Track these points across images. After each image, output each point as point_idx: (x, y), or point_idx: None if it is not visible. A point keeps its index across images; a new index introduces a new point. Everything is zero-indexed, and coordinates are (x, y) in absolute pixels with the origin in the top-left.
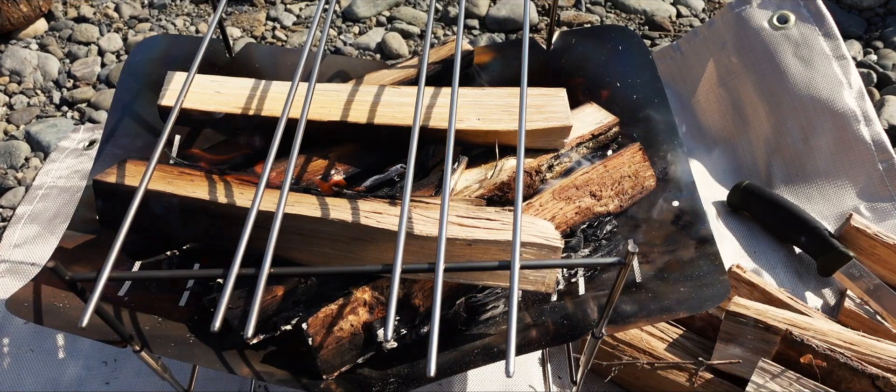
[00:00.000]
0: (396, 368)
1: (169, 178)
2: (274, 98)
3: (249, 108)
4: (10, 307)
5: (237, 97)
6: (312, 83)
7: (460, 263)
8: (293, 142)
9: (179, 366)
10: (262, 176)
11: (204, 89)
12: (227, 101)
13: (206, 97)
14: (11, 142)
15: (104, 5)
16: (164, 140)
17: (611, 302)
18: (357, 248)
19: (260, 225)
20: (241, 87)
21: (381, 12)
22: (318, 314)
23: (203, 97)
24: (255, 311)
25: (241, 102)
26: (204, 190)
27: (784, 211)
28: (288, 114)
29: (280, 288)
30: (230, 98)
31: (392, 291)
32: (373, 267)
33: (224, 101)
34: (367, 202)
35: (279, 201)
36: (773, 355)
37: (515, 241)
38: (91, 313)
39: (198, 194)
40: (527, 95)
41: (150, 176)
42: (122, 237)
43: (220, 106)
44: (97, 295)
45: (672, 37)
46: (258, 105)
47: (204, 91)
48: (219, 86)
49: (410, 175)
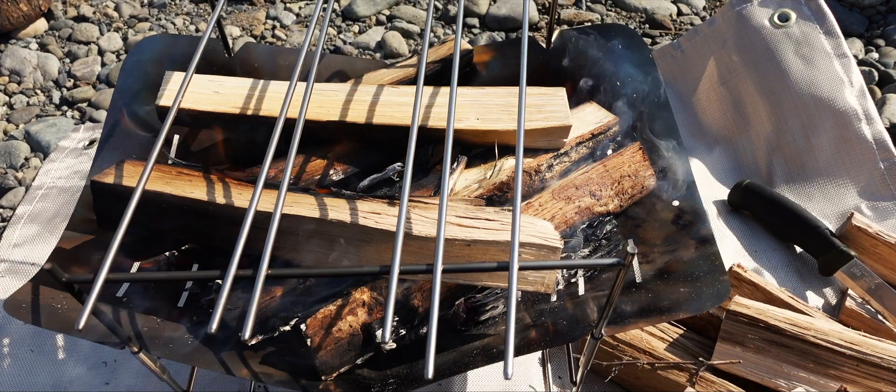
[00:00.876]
0: (395, 369)
1: (167, 179)
2: (272, 98)
3: (248, 107)
4: (8, 309)
5: (236, 97)
6: (310, 83)
7: (458, 264)
8: (291, 142)
9: (178, 365)
10: (260, 176)
11: (202, 89)
12: (226, 101)
13: (205, 97)
14: (11, 142)
15: (104, 5)
16: (161, 140)
17: (610, 303)
18: (355, 248)
19: (258, 225)
20: (240, 86)
21: (381, 11)
22: (316, 315)
23: (201, 97)
24: (253, 312)
25: (240, 102)
26: (202, 190)
27: (785, 210)
28: (285, 113)
29: (278, 289)
30: (229, 98)
31: (390, 293)
32: (371, 268)
33: (223, 101)
34: (366, 202)
35: (277, 202)
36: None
37: (514, 243)
38: (88, 315)
39: (196, 195)
40: (526, 95)
41: (148, 176)
42: (120, 238)
43: (218, 106)
44: (94, 297)
45: (673, 35)
46: (256, 105)
47: (202, 91)
48: (217, 86)
49: (408, 175)
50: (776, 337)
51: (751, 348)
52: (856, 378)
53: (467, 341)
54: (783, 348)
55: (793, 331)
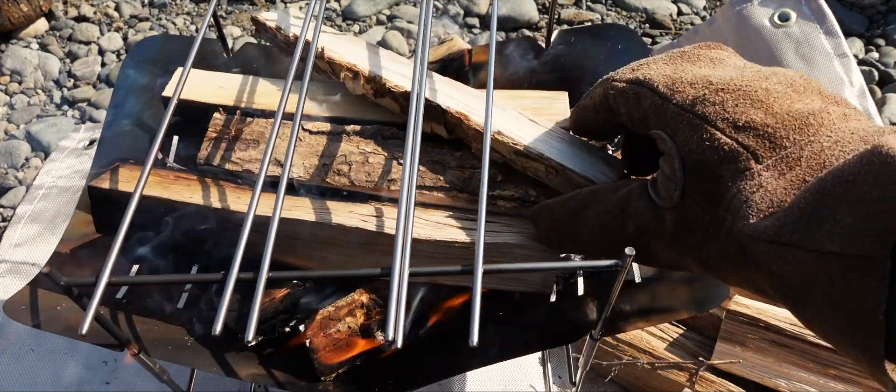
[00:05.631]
0: (395, 369)
1: (165, 184)
2: (272, 94)
3: (251, 101)
4: (8, 311)
5: (238, 91)
6: (305, 81)
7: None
8: (289, 142)
9: (178, 367)
10: (258, 179)
11: (206, 83)
12: (229, 96)
13: (209, 90)
14: (12, 141)
15: (104, 5)
16: (163, 129)
17: (608, 305)
18: (356, 251)
19: (257, 229)
20: (242, 82)
21: (382, 11)
22: (315, 316)
23: (206, 90)
24: (255, 314)
25: (243, 97)
26: (199, 195)
27: None
28: (284, 108)
29: (278, 291)
30: (232, 93)
31: (392, 293)
32: (371, 270)
33: (226, 94)
34: (366, 205)
35: (275, 205)
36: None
37: (479, 246)
38: (90, 320)
39: (194, 199)
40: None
41: (145, 181)
42: (119, 244)
43: (221, 99)
44: (96, 301)
45: (673, 35)
46: (257, 99)
47: (206, 85)
48: (221, 81)
49: (407, 175)
50: (776, 337)
51: (751, 348)
52: (856, 378)
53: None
54: (783, 348)
55: (793, 331)
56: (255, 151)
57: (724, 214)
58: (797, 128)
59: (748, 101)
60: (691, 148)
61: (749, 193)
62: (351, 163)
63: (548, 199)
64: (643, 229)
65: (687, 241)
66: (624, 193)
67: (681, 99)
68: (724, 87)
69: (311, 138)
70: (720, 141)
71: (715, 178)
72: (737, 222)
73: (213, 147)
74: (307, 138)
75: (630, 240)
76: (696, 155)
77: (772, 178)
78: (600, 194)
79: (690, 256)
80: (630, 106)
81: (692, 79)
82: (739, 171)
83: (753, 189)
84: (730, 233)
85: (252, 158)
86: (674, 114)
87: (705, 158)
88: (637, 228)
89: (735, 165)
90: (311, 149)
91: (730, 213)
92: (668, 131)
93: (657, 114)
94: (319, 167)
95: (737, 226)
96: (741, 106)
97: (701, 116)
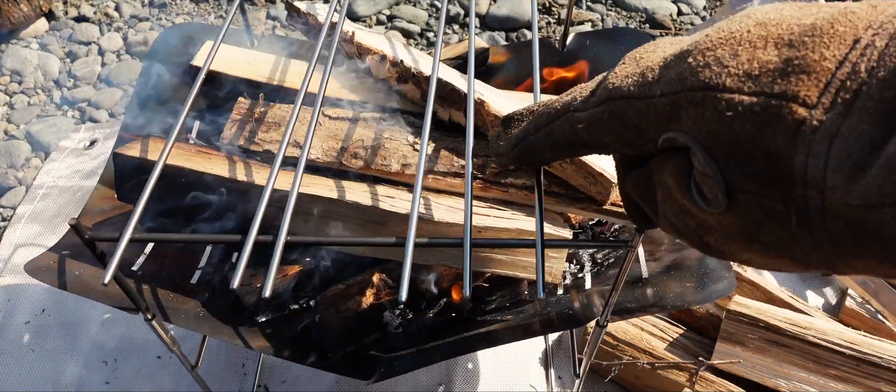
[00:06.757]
0: (401, 350)
1: (187, 156)
2: (299, 75)
3: (274, 78)
4: (30, 272)
5: (265, 67)
6: (329, 65)
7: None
8: (310, 125)
9: (187, 345)
10: (278, 153)
11: (235, 56)
12: (256, 71)
13: (237, 63)
14: (12, 141)
15: (104, 5)
16: (192, 97)
17: (617, 287)
18: (370, 230)
19: (274, 204)
20: (269, 60)
21: (382, 11)
22: (326, 293)
23: (234, 62)
24: (273, 271)
25: (267, 72)
26: (222, 167)
27: None
28: (306, 88)
29: (291, 268)
30: (259, 68)
31: (406, 260)
32: (386, 239)
33: (253, 70)
34: (382, 186)
35: (295, 177)
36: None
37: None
38: (114, 271)
39: (215, 171)
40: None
41: (170, 149)
42: (145, 200)
43: (248, 73)
44: (120, 252)
45: (673, 35)
46: (281, 77)
47: (235, 58)
48: (249, 56)
49: (422, 158)
50: (776, 337)
51: (751, 348)
52: (856, 378)
53: (472, 327)
54: (783, 348)
55: (793, 330)
56: (275, 134)
57: (803, 193)
58: (829, 40)
59: (746, 43)
60: (711, 130)
61: (824, 151)
62: (368, 147)
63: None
64: (706, 228)
65: (766, 241)
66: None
67: (665, 84)
68: (707, 45)
69: (330, 123)
70: (744, 103)
71: (763, 153)
72: (830, 195)
73: (238, 128)
74: (327, 123)
75: (692, 235)
76: (724, 136)
77: (839, 117)
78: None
79: (783, 258)
80: (615, 129)
81: (663, 60)
82: (791, 129)
83: (825, 142)
84: (825, 212)
85: (273, 140)
86: (666, 105)
87: (737, 134)
88: (698, 225)
89: (781, 125)
90: (331, 132)
91: (812, 189)
92: (674, 129)
93: (651, 118)
94: (338, 150)
95: (834, 199)
96: (742, 52)
97: (700, 86)
